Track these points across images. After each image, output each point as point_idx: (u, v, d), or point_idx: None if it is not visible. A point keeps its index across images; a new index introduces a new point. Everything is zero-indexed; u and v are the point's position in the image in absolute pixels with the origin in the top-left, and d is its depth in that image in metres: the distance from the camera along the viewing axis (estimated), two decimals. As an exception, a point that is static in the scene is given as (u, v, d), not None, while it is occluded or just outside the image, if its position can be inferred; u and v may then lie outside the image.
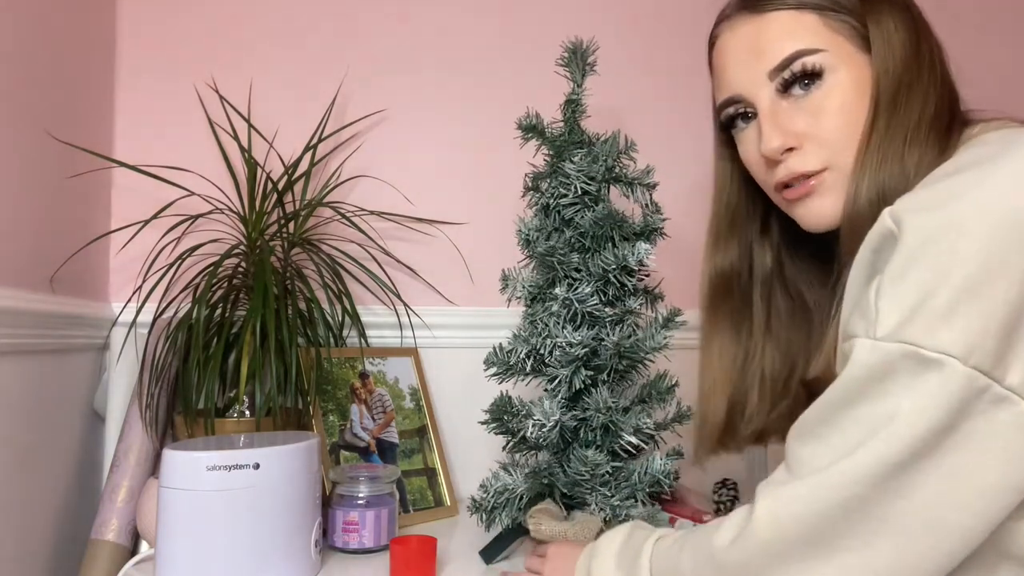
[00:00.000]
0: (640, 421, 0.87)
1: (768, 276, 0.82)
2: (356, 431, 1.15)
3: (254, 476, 0.81)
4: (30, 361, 1.00)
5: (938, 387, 0.50)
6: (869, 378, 0.53)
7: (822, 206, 0.69)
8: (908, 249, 0.53)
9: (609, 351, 0.88)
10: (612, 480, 0.88)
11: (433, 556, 0.85)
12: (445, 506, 1.17)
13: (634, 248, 0.88)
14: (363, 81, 1.33)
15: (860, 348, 0.54)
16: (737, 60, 0.72)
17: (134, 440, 1.04)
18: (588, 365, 0.90)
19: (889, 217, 0.55)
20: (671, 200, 1.41)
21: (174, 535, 0.79)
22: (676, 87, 1.42)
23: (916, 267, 0.52)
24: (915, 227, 0.53)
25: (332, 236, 1.27)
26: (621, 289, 0.91)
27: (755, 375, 0.80)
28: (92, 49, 1.18)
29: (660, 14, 1.43)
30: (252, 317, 1.01)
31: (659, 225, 0.95)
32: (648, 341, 0.91)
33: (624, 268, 0.89)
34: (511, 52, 1.37)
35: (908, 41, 0.67)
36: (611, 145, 0.93)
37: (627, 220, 0.91)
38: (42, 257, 1.04)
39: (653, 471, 0.87)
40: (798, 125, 0.69)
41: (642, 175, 0.95)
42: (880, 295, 0.54)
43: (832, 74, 0.67)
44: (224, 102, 1.25)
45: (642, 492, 0.87)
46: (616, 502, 0.86)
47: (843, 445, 0.54)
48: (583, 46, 0.95)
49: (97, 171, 1.18)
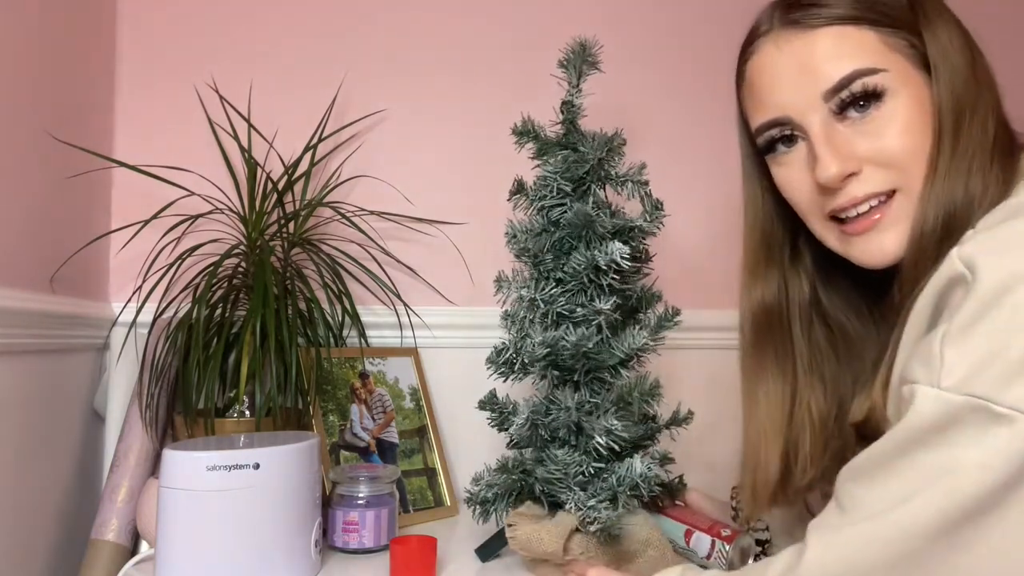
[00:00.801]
0: (610, 423, 0.85)
1: (807, 307, 0.77)
2: (356, 431, 1.15)
3: (254, 476, 0.81)
4: (30, 361, 1.00)
5: (1007, 443, 0.48)
6: (931, 428, 0.51)
7: (884, 242, 0.65)
8: (981, 296, 0.50)
9: (567, 351, 0.87)
10: (591, 481, 0.87)
11: (433, 556, 0.85)
12: (445, 506, 1.17)
13: (607, 248, 0.86)
14: (363, 81, 1.33)
15: (923, 397, 0.52)
16: (783, 79, 0.67)
17: (134, 440, 1.04)
18: (556, 366, 0.89)
19: (959, 260, 0.52)
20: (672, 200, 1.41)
21: (174, 535, 0.79)
22: (681, 85, 1.42)
23: (989, 315, 0.49)
24: (990, 273, 0.50)
25: (332, 236, 1.27)
26: (598, 289, 0.89)
27: (804, 418, 0.75)
28: (92, 49, 1.18)
29: (661, 14, 1.43)
30: (252, 317, 1.01)
31: (638, 224, 0.92)
32: (626, 342, 0.89)
33: (596, 268, 0.87)
34: (512, 52, 1.37)
35: (966, 60, 0.64)
36: (598, 143, 0.91)
37: (598, 220, 0.88)
38: (42, 257, 1.04)
39: (632, 475, 0.85)
40: (858, 150, 0.64)
41: (634, 172, 0.93)
42: (947, 343, 0.51)
43: (893, 95, 0.63)
44: (224, 102, 1.25)
45: (623, 495, 0.85)
46: (591, 503, 0.84)
47: (900, 491, 0.52)
48: (584, 46, 0.93)
49: (97, 171, 1.18)
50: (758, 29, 0.71)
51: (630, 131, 1.37)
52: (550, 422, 0.89)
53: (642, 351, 0.90)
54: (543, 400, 0.90)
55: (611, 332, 0.90)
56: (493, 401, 0.94)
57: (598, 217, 0.89)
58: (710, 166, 1.41)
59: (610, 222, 0.90)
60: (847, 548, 0.54)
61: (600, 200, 0.92)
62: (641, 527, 0.88)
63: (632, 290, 0.95)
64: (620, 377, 0.90)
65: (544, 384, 0.92)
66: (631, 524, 0.87)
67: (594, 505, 0.83)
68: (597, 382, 0.90)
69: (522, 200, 0.95)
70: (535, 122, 0.96)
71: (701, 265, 1.40)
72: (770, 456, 0.75)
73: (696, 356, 1.35)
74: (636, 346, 0.88)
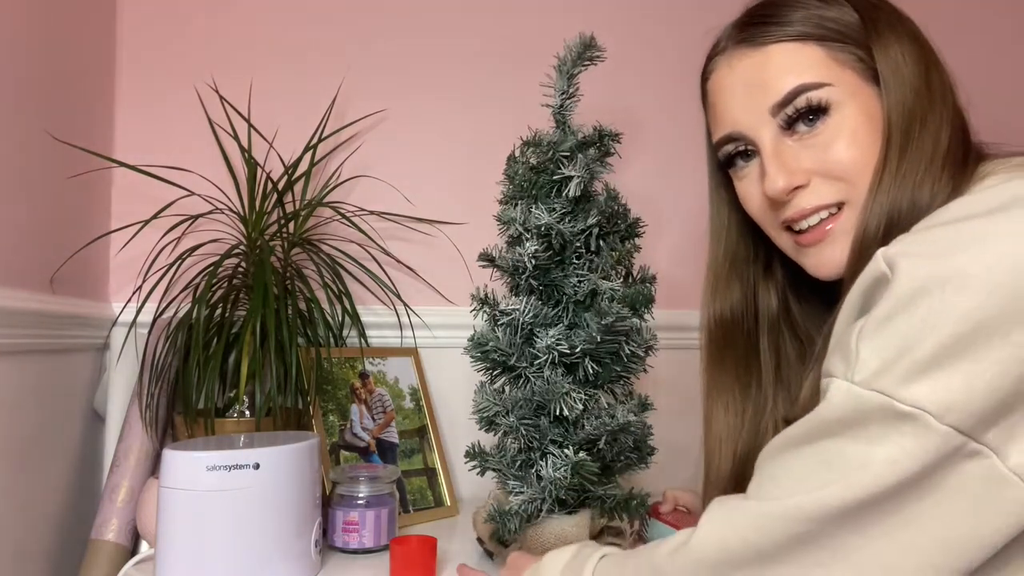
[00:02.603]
0: (520, 421, 0.85)
1: (775, 320, 0.78)
2: (356, 431, 1.15)
3: (254, 476, 0.81)
4: (30, 361, 1.00)
5: (912, 440, 0.49)
6: (840, 420, 0.52)
7: (834, 253, 0.66)
8: (898, 295, 0.50)
9: (479, 349, 0.89)
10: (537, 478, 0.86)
11: (433, 556, 0.85)
12: (445, 506, 1.17)
13: (521, 249, 0.85)
14: (363, 81, 1.33)
15: (836, 389, 0.53)
16: (735, 96, 0.69)
17: (134, 440, 1.04)
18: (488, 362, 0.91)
19: (883, 259, 0.53)
20: (670, 203, 1.41)
21: (174, 535, 0.79)
22: (678, 86, 1.42)
23: (903, 315, 0.50)
24: (909, 273, 0.50)
25: (332, 236, 1.27)
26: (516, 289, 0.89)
27: (768, 427, 0.76)
28: (92, 49, 1.18)
29: (660, 14, 1.43)
30: (252, 317, 1.01)
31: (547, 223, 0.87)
32: (540, 340, 0.87)
33: (513, 269, 0.88)
34: (512, 51, 1.37)
35: (918, 73, 0.64)
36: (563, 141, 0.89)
37: (515, 222, 0.87)
38: (42, 257, 1.04)
39: (545, 477, 0.83)
40: (804, 163, 0.66)
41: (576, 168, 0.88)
42: (862, 338, 0.52)
43: (839, 109, 0.65)
44: (224, 102, 1.25)
45: (551, 498, 0.84)
46: (525, 496, 0.84)
47: (806, 480, 0.53)
48: (580, 45, 0.90)
49: (97, 171, 1.18)
50: (715, 48, 0.73)
51: (631, 127, 1.39)
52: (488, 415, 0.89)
53: (554, 350, 0.85)
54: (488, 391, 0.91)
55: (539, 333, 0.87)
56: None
57: (521, 220, 0.87)
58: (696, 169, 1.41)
59: (528, 223, 0.87)
60: (745, 524, 0.55)
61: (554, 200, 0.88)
62: (572, 527, 0.86)
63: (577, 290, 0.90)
64: (540, 377, 0.87)
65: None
66: (563, 524, 0.86)
67: (524, 498, 0.84)
68: (519, 380, 0.89)
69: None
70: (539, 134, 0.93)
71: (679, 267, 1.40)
72: (723, 462, 0.77)
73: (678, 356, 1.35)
74: (542, 345, 0.85)
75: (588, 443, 0.85)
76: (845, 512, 0.51)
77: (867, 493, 0.50)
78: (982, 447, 0.48)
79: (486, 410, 0.88)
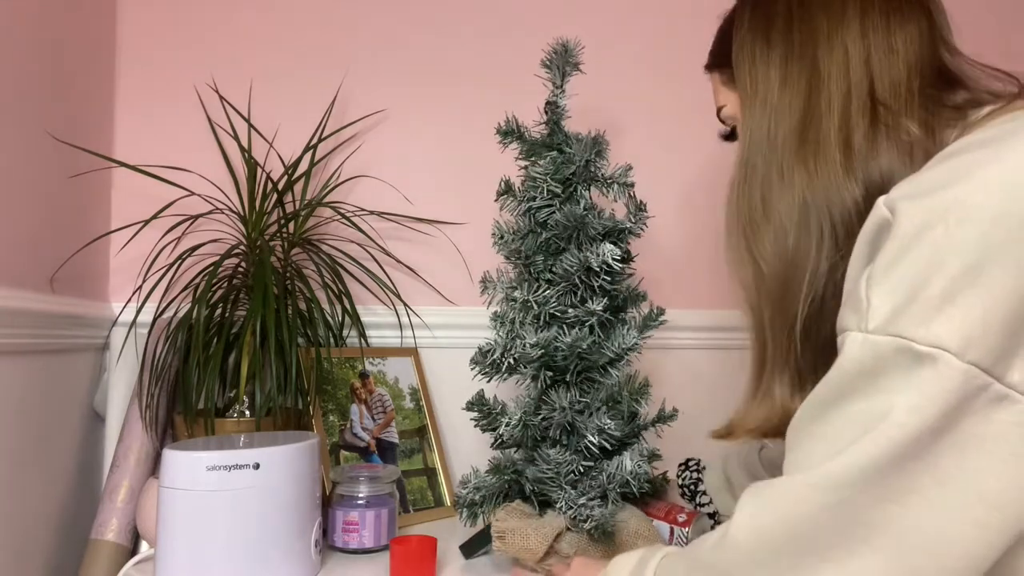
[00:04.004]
0: (602, 422, 0.86)
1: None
2: (356, 431, 1.15)
3: (254, 476, 0.81)
4: (30, 361, 1.00)
5: (932, 383, 0.47)
6: (860, 373, 0.50)
7: None
8: (901, 236, 0.50)
9: (563, 352, 0.88)
10: (581, 480, 0.88)
11: (433, 556, 0.85)
12: (445, 506, 1.17)
13: (598, 249, 0.87)
14: (363, 81, 1.33)
15: (851, 342, 0.51)
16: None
17: (134, 440, 1.04)
18: (549, 366, 0.90)
19: (884, 205, 0.52)
20: (654, 201, 1.41)
21: (174, 535, 0.79)
22: (672, 87, 1.42)
23: (909, 255, 0.49)
24: (910, 213, 0.50)
25: (332, 236, 1.27)
26: (589, 290, 0.90)
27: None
28: (92, 49, 1.18)
29: (657, 13, 1.43)
30: (252, 317, 1.01)
31: (626, 225, 0.93)
32: (616, 342, 0.90)
33: (588, 270, 0.88)
34: (511, 52, 1.37)
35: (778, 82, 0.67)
36: (585, 146, 0.92)
37: (590, 222, 0.90)
38: (42, 257, 1.04)
39: (623, 472, 0.86)
40: None
41: (620, 174, 0.94)
42: (871, 285, 0.51)
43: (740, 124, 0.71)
44: (224, 102, 1.25)
45: (613, 492, 0.86)
46: (582, 501, 0.85)
47: (831, 441, 0.51)
48: (566, 48, 0.94)
49: (97, 171, 1.18)
50: None
51: (614, 130, 1.39)
52: (540, 422, 0.89)
53: (631, 350, 0.91)
54: (532, 400, 0.91)
55: (602, 332, 0.91)
56: (481, 402, 0.94)
57: (589, 219, 0.89)
58: (693, 167, 1.41)
59: (600, 223, 0.90)
60: (778, 503, 0.53)
61: (587, 202, 0.93)
62: (630, 519, 0.89)
63: (619, 290, 0.95)
64: (610, 376, 0.91)
65: (533, 384, 0.92)
66: (620, 518, 0.89)
67: (585, 503, 0.84)
68: (587, 382, 0.91)
69: (509, 201, 0.96)
70: (520, 122, 0.97)
71: (683, 266, 1.41)
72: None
73: (677, 356, 1.37)
74: (627, 345, 0.90)
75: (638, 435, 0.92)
76: (875, 472, 0.48)
77: (893, 445, 0.48)
78: (1009, 391, 0.47)
79: (561, 416, 0.89)
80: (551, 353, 0.88)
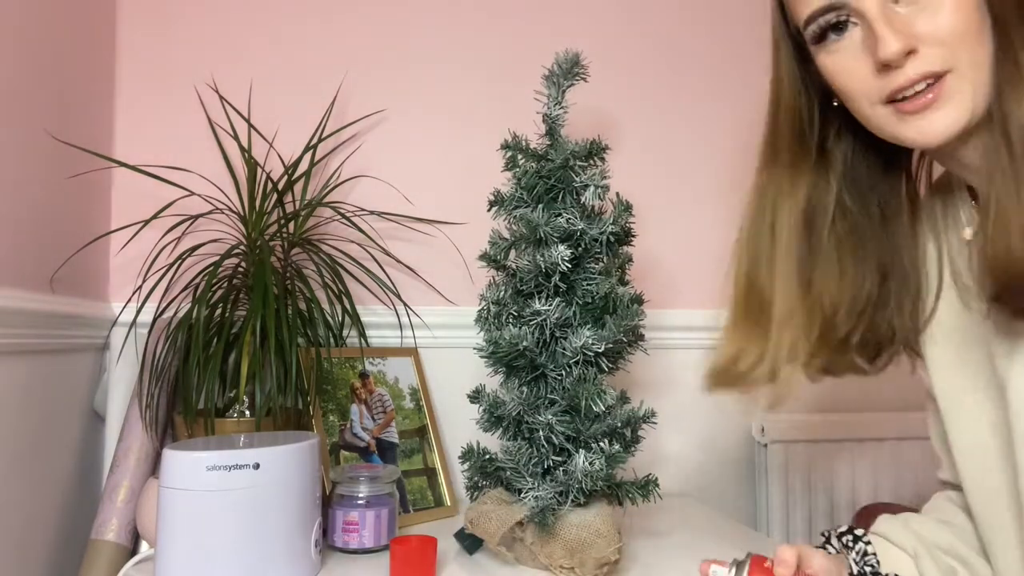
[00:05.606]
0: (548, 418, 0.89)
1: (833, 206, 0.78)
2: (356, 431, 1.15)
3: (254, 476, 0.81)
4: (30, 361, 1.00)
5: None
6: None
7: (939, 119, 0.66)
8: None
9: (502, 350, 0.91)
10: (550, 473, 0.91)
11: (433, 556, 0.85)
12: (445, 506, 1.17)
13: (549, 253, 0.90)
14: (363, 81, 1.33)
15: None
16: None
17: (134, 440, 1.04)
18: (503, 363, 0.93)
19: None
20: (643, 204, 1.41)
21: (174, 535, 0.79)
22: (672, 90, 1.42)
23: None
24: None
25: (332, 236, 1.27)
26: (550, 291, 0.92)
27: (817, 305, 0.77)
28: (92, 49, 1.18)
29: (659, 16, 1.43)
30: (252, 317, 1.01)
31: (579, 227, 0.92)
32: (573, 342, 0.90)
33: (541, 271, 0.91)
34: (511, 52, 1.37)
35: None
36: (559, 151, 0.94)
37: (540, 226, 0.92)
38: (42, 257, 1.04)
39: (578, 470, 0.88)
40: (917, 27, 0.65)
41: (594, 177, 0.94)
42: None
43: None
44: (224, 102, 1.25)
45: (574, 490, 0.89)
46: (538, 494, 0.88)
47: None
48: (567, 61, 0.95)
49: (97, 171, 1.18)
50: None
51: (613, 134, 1.39)
52: (499, 415, 0.94)
53: (588, 350, 0.91)
54: (492, 394, 0.96)
55: (561, 333, 0.93)
56: (476, 396, 0.99)
57: (540, 223, 0.92)
58: (682, 170, 1.41)
59: (554, 226, 0.92)
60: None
61: (568, 206, 0.94)
62: (595, 518, 0.90)
63: (594, 292, 0.94)
64: (570, 375, 0.92)
65: (504, 379, 0.97)
66: (585, 517, 0.90)
67: (541, 496, 0.88)
68: (543, 379, 0.93)
69: (500, 211, 0.99)
70: (523, 137, 0.98)
71: (670, 267, 1.41)
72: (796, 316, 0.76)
73: (664, 356, 1.37)
74: (578, 345, 0.90)
75: (610, 435, 0.92)
76: None
77: None
78: None
79: (512, 408, 0.91)
80: (496, 350, 0.93)
